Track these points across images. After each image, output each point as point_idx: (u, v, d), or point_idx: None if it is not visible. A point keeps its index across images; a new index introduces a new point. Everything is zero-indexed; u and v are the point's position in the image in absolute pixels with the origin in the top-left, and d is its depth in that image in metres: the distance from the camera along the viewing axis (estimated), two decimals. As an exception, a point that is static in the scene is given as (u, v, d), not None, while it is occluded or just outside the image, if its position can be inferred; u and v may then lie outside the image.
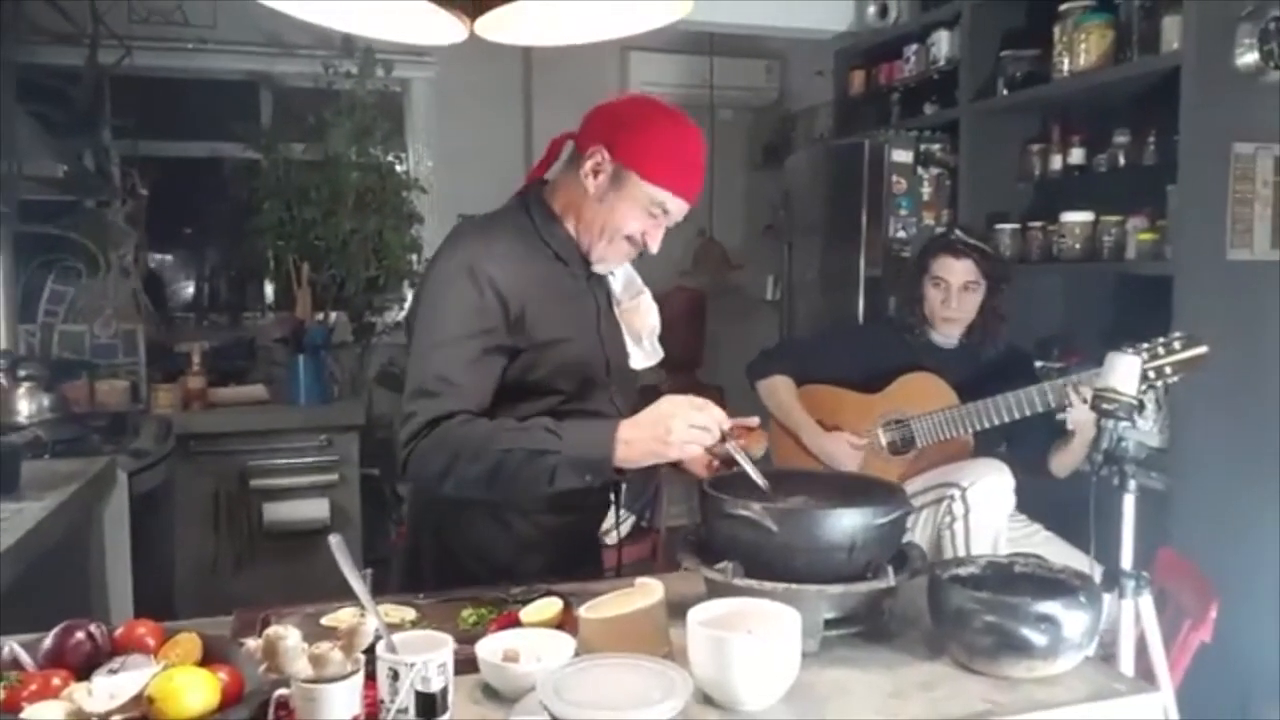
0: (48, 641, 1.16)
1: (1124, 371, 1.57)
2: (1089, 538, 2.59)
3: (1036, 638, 1.17)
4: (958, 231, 2.63)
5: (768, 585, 1.27)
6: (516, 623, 1.35)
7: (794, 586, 1.26)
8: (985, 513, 2.32)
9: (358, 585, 1.19)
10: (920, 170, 3.56)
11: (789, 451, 2.67)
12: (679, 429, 1.42)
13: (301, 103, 4.36)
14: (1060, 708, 1.16)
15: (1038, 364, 3.10)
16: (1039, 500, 2.61)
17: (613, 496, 1.84)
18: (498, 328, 1.56)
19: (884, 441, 2.63)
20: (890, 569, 1.30)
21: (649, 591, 1.30)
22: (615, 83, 4.85)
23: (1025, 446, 2.58)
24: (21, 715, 1.01)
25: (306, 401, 3.83)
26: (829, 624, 1.31)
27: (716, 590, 1.33)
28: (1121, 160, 3.07)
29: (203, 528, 3.58)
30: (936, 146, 3.58)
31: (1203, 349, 1.83)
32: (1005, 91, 3.34)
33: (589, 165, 1.60)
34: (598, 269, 1.68)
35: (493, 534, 1.68)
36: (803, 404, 2.68)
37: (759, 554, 1.30)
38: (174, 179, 4.33)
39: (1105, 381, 1.59)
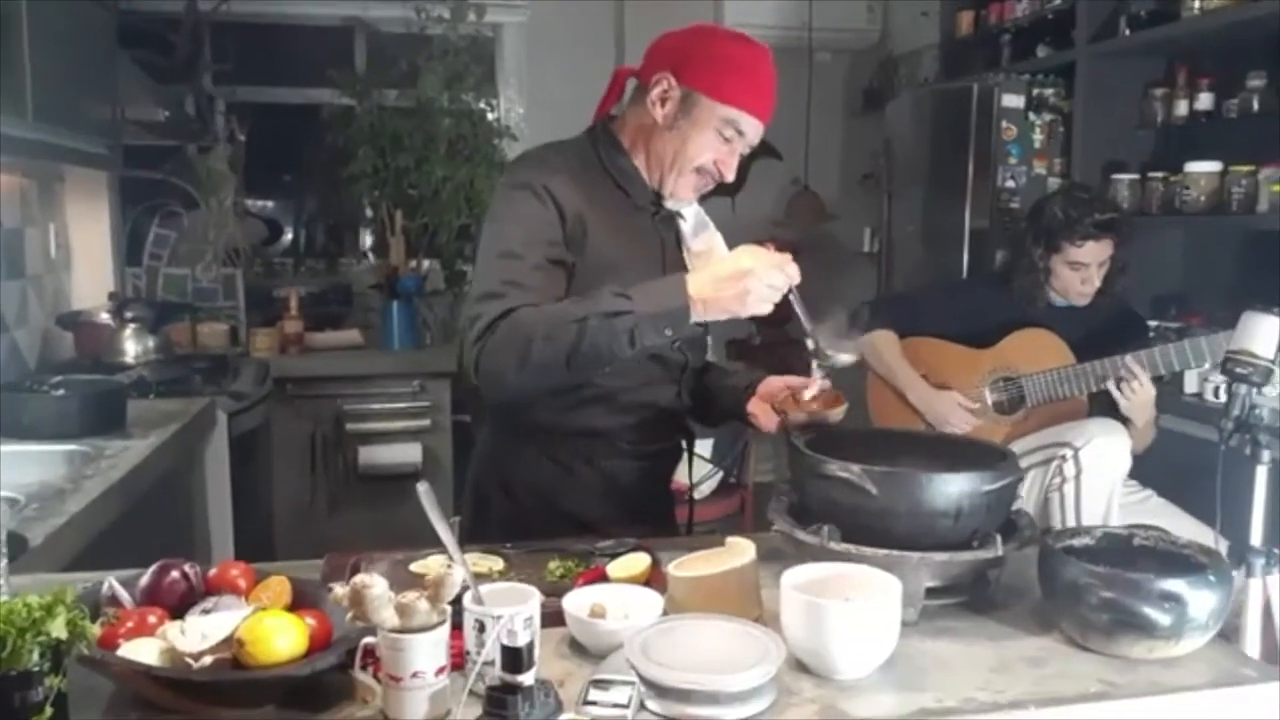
0: (144, 579, 1.17)
1: (1262, 333, 1.45)
2: (1207, 507, 2.48)
3: (1160, 617, 1.09)
4: (1098, 216, 2.41)
5: (867, 551, 1.21)
6: (603, 577, 1.32)
7: (895, 553, 1.20)
8: (1098, 475, 2.20)
9: (445, 534, 1.17)
10: (1032, 116, 3.38)
11: (892, 409, 2.57)
12: (757, 289, 1.39)
13: (395, 48, 4.35)
14: (1182, 693, 1.08)
15: (1153, 323, 2.94)
16: (1149, 464, 2.47)
17: (685, 444, 1.82)
18: (558, 240, 1.55)
19: (989, 401, 2.52)
20: (999, 538, 1.23)
21: (740, 551, 1.26)
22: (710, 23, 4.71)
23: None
24: (118, 652, 1.02)
25: (400, 347, 3.88)
26: (930, 593, 1.24)
27: (810, 553, 1.28)
28: (1255, 105, 2.86)
29: (299, 469, 3.65)
30: (1050, 91, 3.39)
31: None
32: (1128, 32, 3.14)
33: (655, 93, 1.57)
34: (670, 204, 1.64)
35: (559, 481, 1.67)
36: (906, 358, 2.58)
37: (857, 517, 1.24)
38: (271, 125, 4.38)
39: (1240, 343, 1.47)
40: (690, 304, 1.41)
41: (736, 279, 1.39)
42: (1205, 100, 3.05)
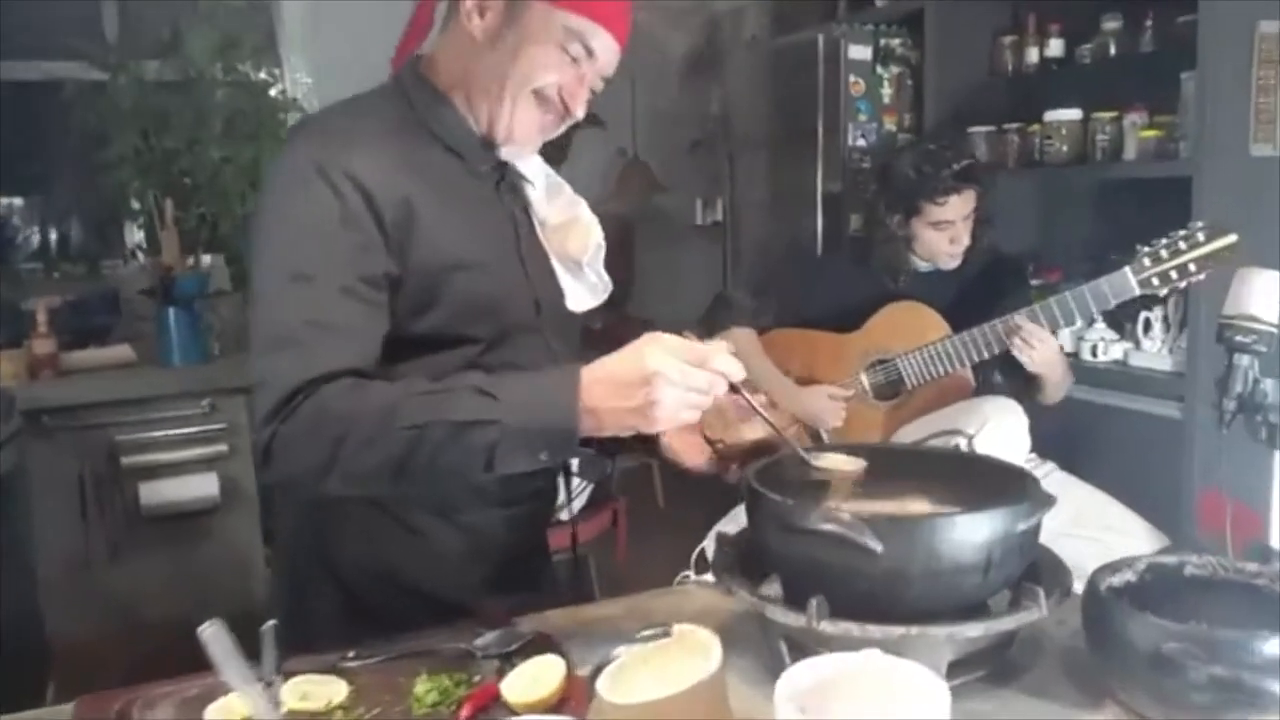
0: None
1: (1259, 291, 1.21)
2: (1095, 473, 2.32)
3: (1286, 690, 0.80)
4: (955, 166, 2.15)
5: (874, 631, 0.87)
6: (497, 699, 0.93)
7: (914, 630, 0.87)
8: None
9: (253, 692, 0.76)
10: (879, 69, 3.16)
11: (761, 416, 2.26)
12: (668, 395, 0.97)
13: (154, 12, 3.73)
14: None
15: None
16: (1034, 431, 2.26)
17: (561, 472, 1.38)
18: (373, 245, 1.10)
19: (867, 385, 2.26)
20: (1041, 593, 0.92)
21: (695, 647, 0.89)
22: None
23: (1017, 374, 2.18)
24: None
25: (182, 362, 3.29)
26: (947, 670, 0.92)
27: (782, 632, 0.94)
28: (1112, 49, 2.73)
29: (67, 517, 3.03)
30: (896, 41, 3.19)
31: (1231, 238, 1.77)
32: (975, -25, 2.96)
33: (470, 3, 1.15)
34: (506, 152, 1.21)
35: (405, 548, 1.23)
36: (770, 355, 2.28)
37: (852, 584, 0.90)
38: (5, 108, 3.67)
39: (1236, 306, 1.22)
40: (578, 420, 1.00)
41: (636, 383, 0.98)
42: (1056, 47, 2.92)
